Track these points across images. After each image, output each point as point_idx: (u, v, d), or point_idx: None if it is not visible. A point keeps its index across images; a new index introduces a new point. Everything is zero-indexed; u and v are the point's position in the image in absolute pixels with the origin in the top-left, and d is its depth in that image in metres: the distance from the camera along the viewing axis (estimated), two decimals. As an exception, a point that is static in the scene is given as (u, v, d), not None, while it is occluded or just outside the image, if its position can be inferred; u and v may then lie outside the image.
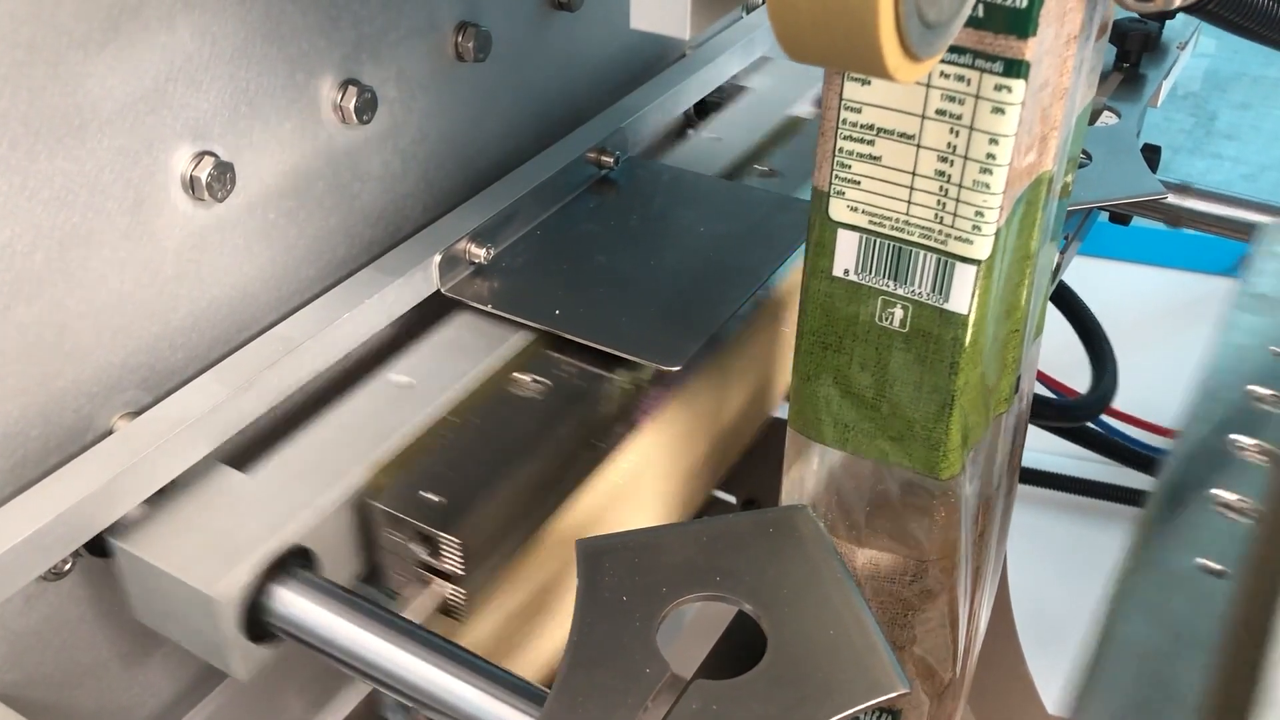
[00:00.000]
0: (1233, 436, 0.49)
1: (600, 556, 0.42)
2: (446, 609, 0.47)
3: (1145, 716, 0.39)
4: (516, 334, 0.55)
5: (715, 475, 0.63)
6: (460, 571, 0.46)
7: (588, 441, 0.52)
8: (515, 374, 0.53)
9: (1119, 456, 1.22)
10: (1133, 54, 0.81)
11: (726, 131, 0.75)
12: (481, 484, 0.47)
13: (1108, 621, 0.41)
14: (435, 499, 0.46)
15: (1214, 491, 0.46)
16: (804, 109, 0.78)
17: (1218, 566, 0.43)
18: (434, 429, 0.50)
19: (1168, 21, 0.83)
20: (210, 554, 0.43)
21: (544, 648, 0.54)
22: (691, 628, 0.70)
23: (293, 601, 0.43)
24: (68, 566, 0.46)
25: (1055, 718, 1.04)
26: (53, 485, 0.44)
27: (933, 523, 0.49)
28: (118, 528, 0.45)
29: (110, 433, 0.47)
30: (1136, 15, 0.69)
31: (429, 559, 0.46)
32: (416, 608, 0.46)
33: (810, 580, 0.41)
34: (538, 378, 0.53)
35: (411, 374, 0.52)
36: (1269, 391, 0.51)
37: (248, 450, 0.51)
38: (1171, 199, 0.75)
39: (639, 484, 0.56)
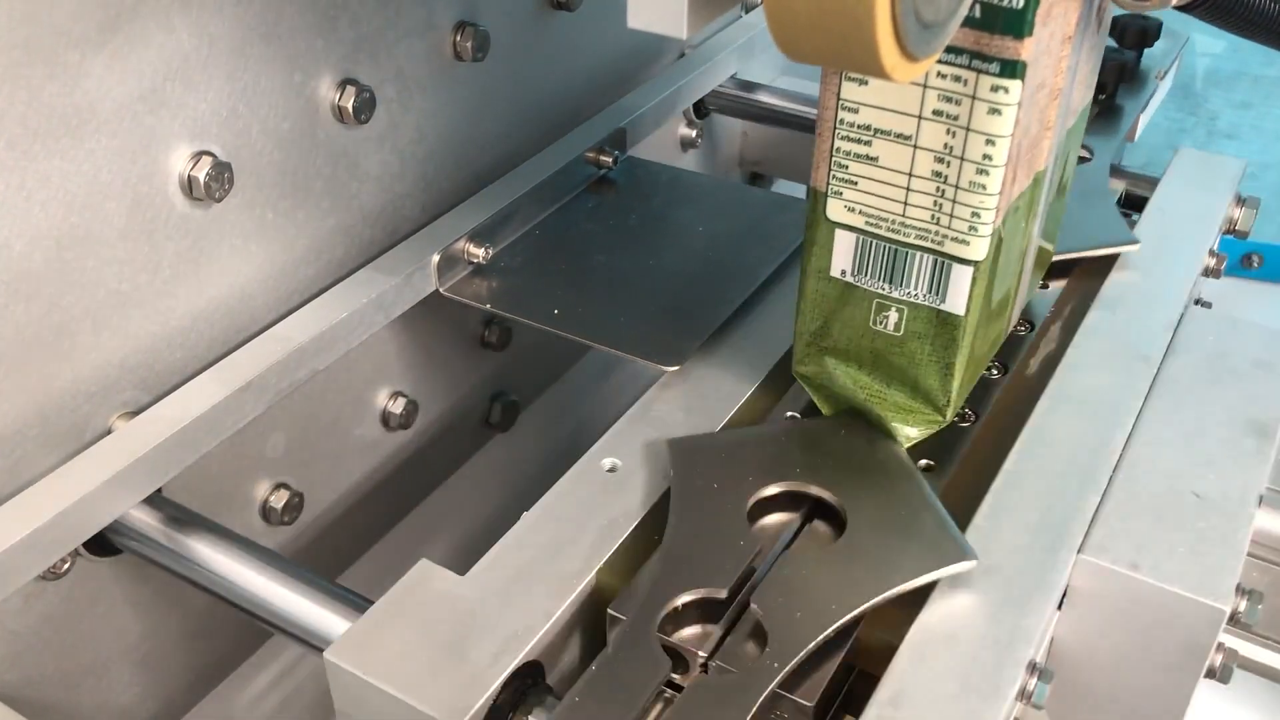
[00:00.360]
0: None
1: (692, 453, 0.45)
2: None
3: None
4: (727, 403, 0.49)
5: None
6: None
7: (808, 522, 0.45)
8: None
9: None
10: (1108, 85, 0.73)
11: None
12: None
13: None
14: (676, 607, 0.40)
15: None
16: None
17: (929, 462, 0.46)
18: (653, 520, 0.44)
19: (1146, 50, 0.78)
20: (439, 673, 0.38)
21: None
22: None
23: None
24: (67, 566, 0.46)
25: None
26: (51, 485, 0.44)
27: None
28: (236, 589, 0.43)
29: (109, 432, 0.47)
30: (1130, 12, 0.68)
31: (674, 674, 0.39)
32: None
33: (883, 470, 0.44)
34: None
35: (618, 456, 0.47)
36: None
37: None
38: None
39: None
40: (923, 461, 0.46)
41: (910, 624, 0.39)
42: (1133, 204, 0.68)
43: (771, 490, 0.43)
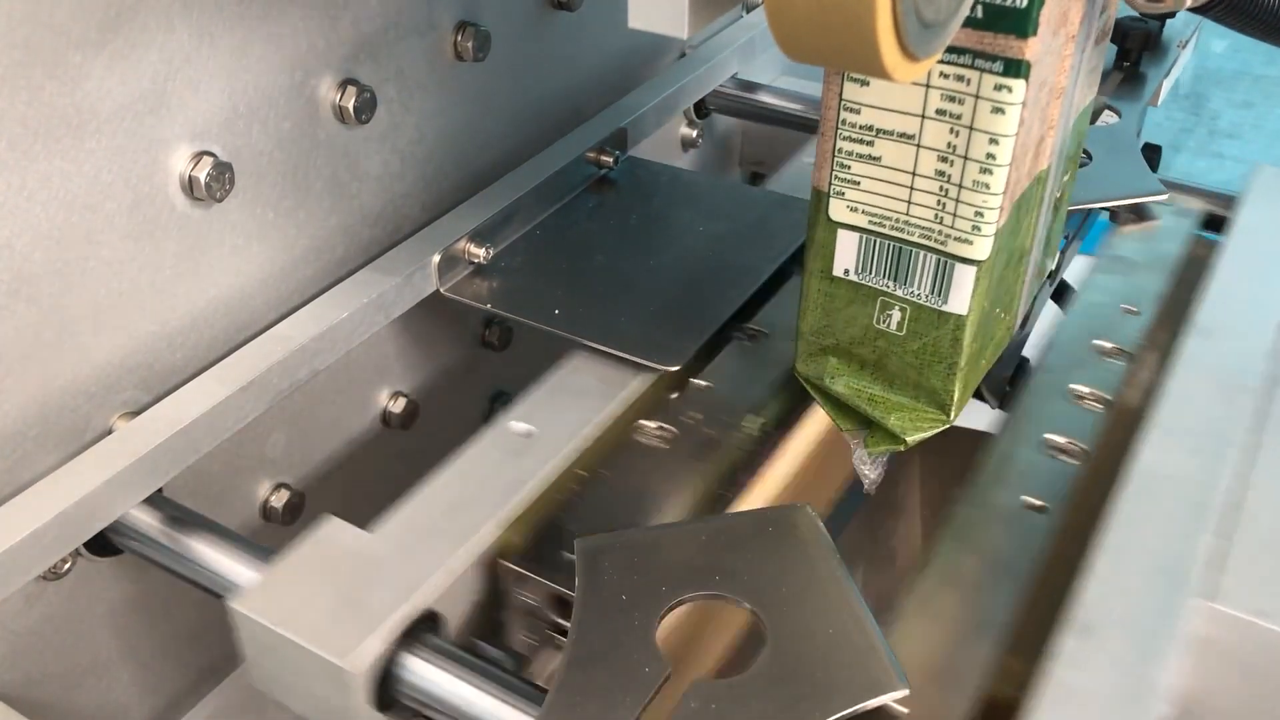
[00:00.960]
0: (1073, 386, 0.51)
1: (600, 555, 0.42)
2: None
3: (958, 638, 0.41)
4: (636, 376, 0.52)
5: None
6: None
7: (716, 493, 0.49)
8: (640, 421, 0.51)
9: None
10: (1133, 53, 0.81)
11: None
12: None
13: (932, 552, 0.44)
14: (569, 557, 0.42)
15: (1048, 436, 0.49)
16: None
17: (1039, 503, 0.45)
18: (560, 483, 0.46)
19: (1169, 20, 0.82)
20: (339, 621, 0.40)
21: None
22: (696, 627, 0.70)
23: (425, 671, 0.40)
24: (67, 566, 0.46)
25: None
26: (52, 485, 0.44)
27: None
28: (234, 589, 0.43)
29: (109, 432, 0.47)
30: (1140, 15, 0.69)
31: (562, 620, 0.43)
32: (551, 672, 0.43)
33: (809, 579, 0.41)
34: (663, 425, 0.50)
35: (532, 422, 0.49)
36: (1112, 345, 0.54)
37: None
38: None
39: None
40: (1035, 502, 0.44)
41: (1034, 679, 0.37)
42: (1213, 225, 0.67)
43: (686, 600, 0.40)
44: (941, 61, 0.38)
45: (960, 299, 0.42)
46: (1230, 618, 0.39)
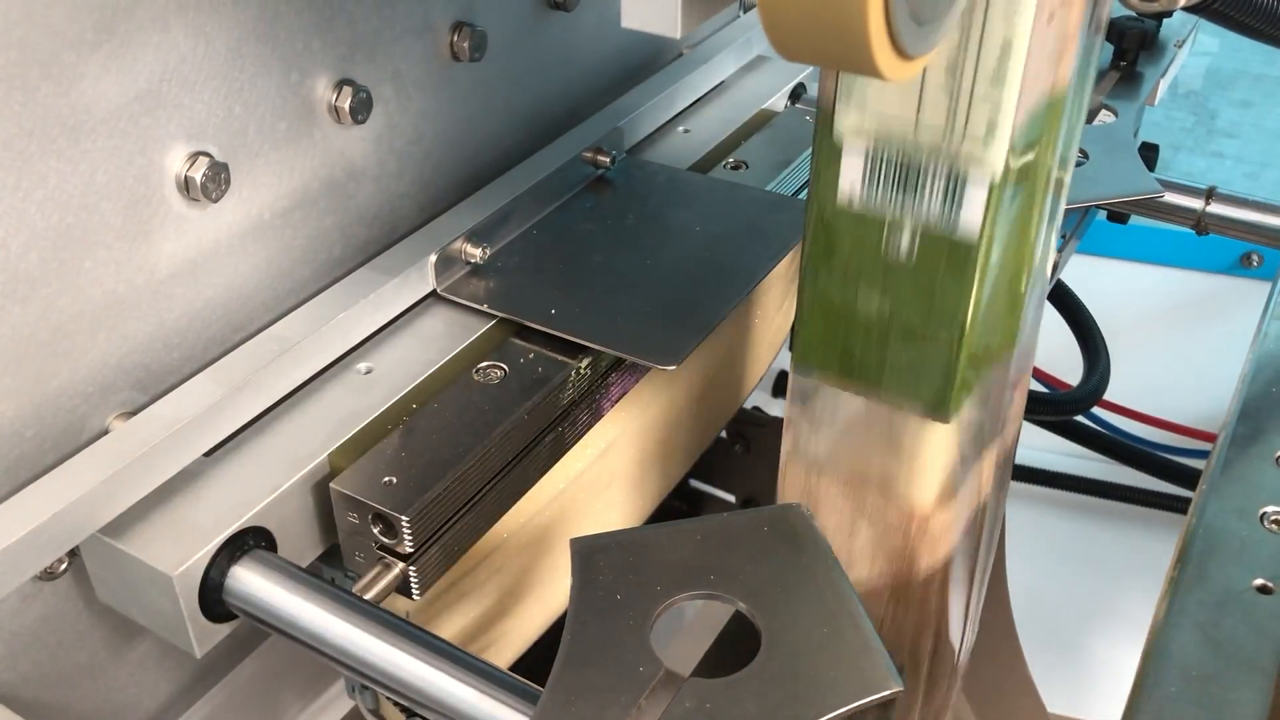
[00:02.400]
0: None
1: (594, 555, 0.42)
2: (404, 589, 0.48)
3: None
4: (486, 324, 0.56)
5: (684, 464, 0.63)
6: (414, 551, 0.47)
7: (552, 429, 0.53)
8: (480, 363, 0.54)
9: (1114, 453, 1.22)
10: (1130, 52, 0.81)
11: (697, 125, 0.74)
12: (439, 467, 0.48)
13: (1157, 638, 0.41)
14: (392, 481, 0.47)
15: (1269, 509, 0.45)
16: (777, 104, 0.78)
17: (1269, 584, 0.42)
18: (394, 415, 0.51)
19: (1165, 20, 0.82)
20: (170, 535, 0.44)
21: (513, 633, 0.55)
22: (690, 626, 0.70)
23: (250, 580, 0.44)
24: (63, 566, 0.46)
25: (1055, 716, 1.04)
26: (48, 485, 0.44)
27: (935, 469, 0.47)
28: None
29: (106, 433, 0.47)
30: (1136, 14, 0.69)
31: (386, 540, 0.47)
32: (373, 586, 0.47)
33: (804, 578, 0.41)
34: (498, 364, 0.54)
35: (375, 362, 0.53)
36: None
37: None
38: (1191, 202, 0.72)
39: (603, 471, 0.56)
40: (1267, 584, 0.41)
41: None
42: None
43: (680, 600, 0.41)
44: None
45: (972, 221, 0.40)
46: None
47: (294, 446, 0.48)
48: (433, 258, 0.56)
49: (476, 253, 0.58)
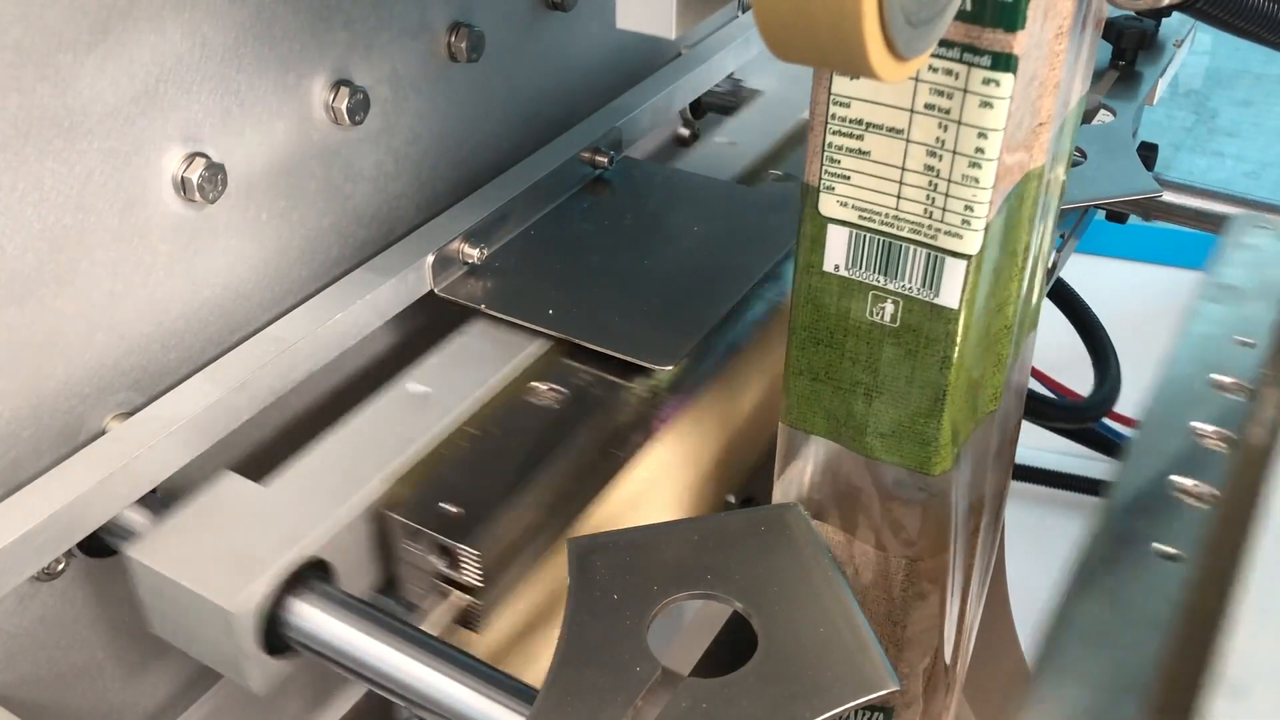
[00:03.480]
0: (1194, 424, 0.49)
1: (591, 555, 0.42)
2: (464, 620, 0.46)
3: (1098, 695, 0.39)
4: (533, 342, 0.55)
5: (731, 480, 0.63)
6: (478, 583, 0.45)
7: (605, 450, 0.51)
8: (533, 383, 0.53)
9: (1115, 453, 1.22)
10: (1128, 51, 0.81)
11: (740, 135, 0.75)
12: (499, 495, 0.46)
13: (1063, 604, 0.42)
14: (453, 510, 0.45)
15: (1174, 478, 0.47)
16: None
17: (1173, 551, 0.43)
18: (451, 439, 0.49)
19: (1164, 19, 0.82)
20: (227, 567, 0.42)
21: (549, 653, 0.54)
22: (688, 626, 0.70)
23: (310, 615, 0.43)
24: (61, 567, 0.46)
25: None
26: (45, 486, 0.44)
27: (924, 519, 0.49)
28: (131, 538, 0.44)
29: (103, 433, 0.47)
30: (1131, 13, 0.69)
31: (447, 571, 0.45)
32: (434, 620, 0.45)
33: (801, 578, 0.41)
34: (555, 386, 0.53)
35: (428, 383, 0.52)
36: (1231, 379, 0.51)
37: (262, 461, 0.51)
38: (1169, 196, 0.74)
39: (655, 491, 0.56)
40: (1169, 550, 0.42)
41: None
42: None
43: (677, 600, 0.41)
44: (930, 55, 0.38)
45: (951, 292, 0.42)
46: None
47: (350, 473, 0.46)
48: (430, 258, 0.56)
49: (474, 253, 0.58)
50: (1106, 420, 1.25)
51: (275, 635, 0.43)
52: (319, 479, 0.46)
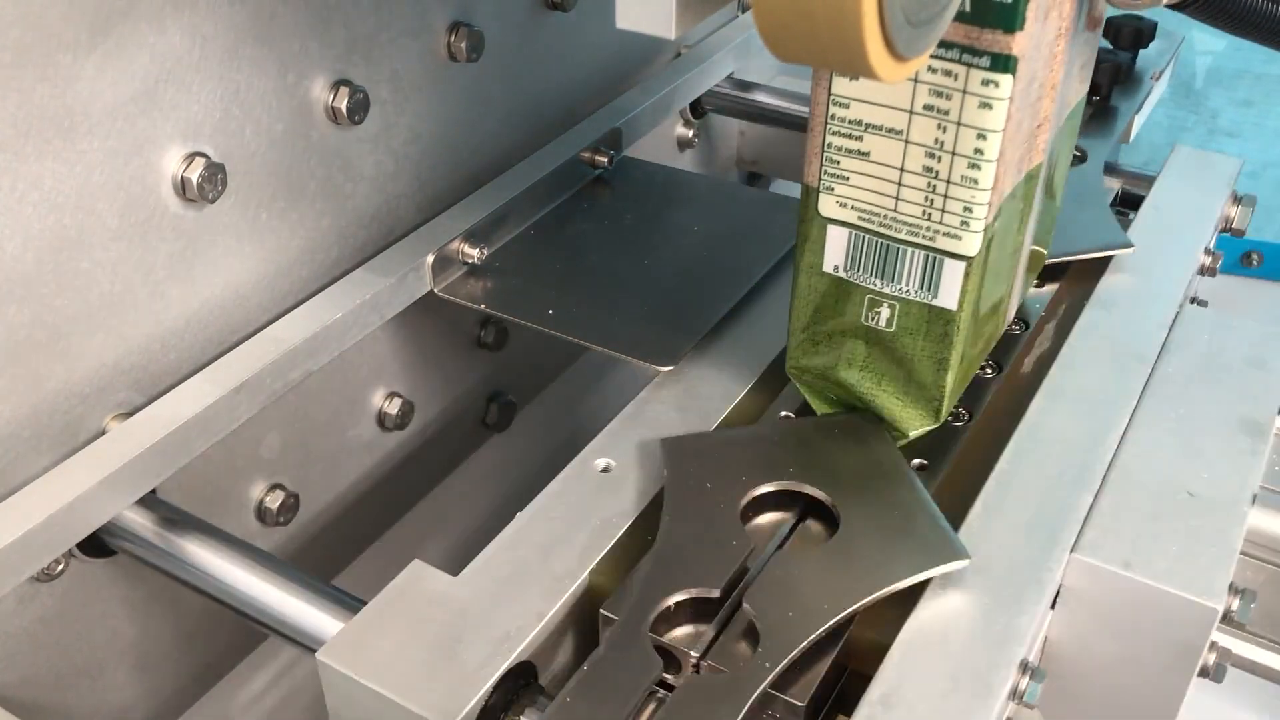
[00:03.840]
0: None
1: (685, 453, 0.45)
2: None
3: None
4: (727, 405, 0.49)
5: None
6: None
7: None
8: None
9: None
10: (1103, 86, 0.72)
11: None
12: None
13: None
14: (669, 607, 0.39)
15: None
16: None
17: (923, 461, 0.46)
18: (645, 521, 0.44)
19: (1142, 51, 0.78)
20: (433, 673, 0.38)
21: None
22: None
23: None
24: (61, 568, 0.46)
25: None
26: (45, 486, 0.44)
27: None
28: (229, 590, 0.43)
29: (103, 433, 0.47)
30: (1129, 12, 0.68)
31: (668, 676, 0.39)
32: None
33: (876, 471, 0.44)
34: None
35: (612, 456, 0.46)
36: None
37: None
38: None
39: None
40: (916, 461, 0.46)
41: (902, 624, 0.39)
42: (1129, 202, 0.68)
43: (765, 489, 0.43)
44: (930, 56, 0.38)
45: (950, 294, 0.42)
46: (1096, 568, 0.41)
47: (548, 562, 0.42)
48: (430, 258, 0.56)
49: (474, 253, 0.58)
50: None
51: None
52: (516, 570, 0.41)
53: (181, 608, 0.53)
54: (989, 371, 0.51)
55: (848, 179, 0.42)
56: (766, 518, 0.43)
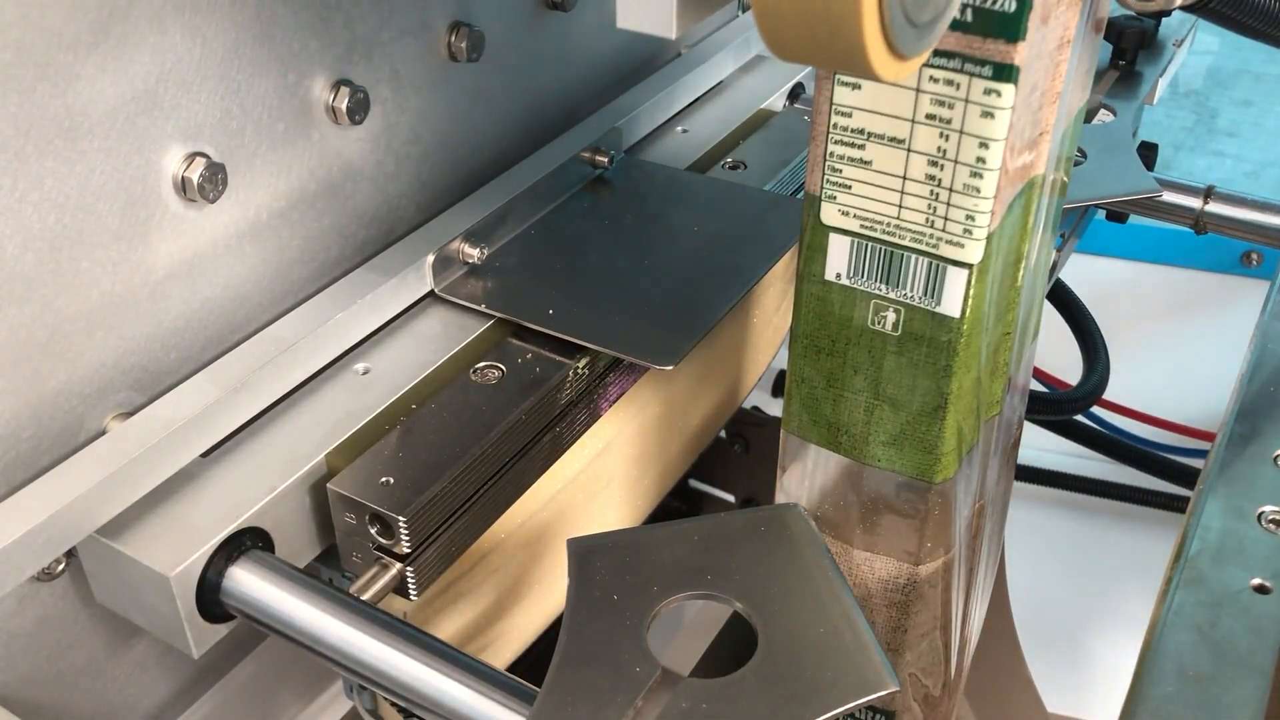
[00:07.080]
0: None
1: (591, 555, 0.42)
2: (401, 589, 0.48)
3: None
4: (484, 325, 0.56)
5: (683, 464, 0.64)
6: (411, 551, 0.47)
7: (549, 429, 0.53)
8: (478, 363, 0.54)
9: (1114, 452, 1.22)
10: (1129, 51, 0.81)
11: (695, 125, 0.74)
12: (436, 468, 0.48)
13: (1155, 638, 0.41)
14: (389, 482, 0.47)
15: (1267, 508, 0.45)
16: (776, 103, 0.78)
17: (1267, 584, 0.42)
18: (392, 415, 0.51)
19: (1164, 19, 0.83)
20: (167, 536, 0.44)
21: (511, 633, 0.55)
22: (688, 626, 0.70)
23: (247, 581, 0.44)
24: (60, 567, 0.46)
25: (1055, 715, 1.04)
26: (45, 486, 0.44)
27: (926, 525, 0.48)
28: None
29: (103, 433, 0.47)
30: (1134, 13, 0.68)
31: (384, 540, 0.47)
32: (368, 587, 0.47)
33: (801, 579, 0.41)
34: (496, 365, 0.54)
35: (372, 362, 0.53)
36: None
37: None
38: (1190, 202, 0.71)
39: (601, 471, 0.56)
40: (1262, 583, 0.41)
41: None
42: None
43: (676, 600, 0.41)
44: (931, 66, 0.38)
45: (953, 301, 0.42)
46: None
47: (291, 447, 0.48)
48: (430, 258, 0.56)
49: (474, 253, 0.58)
50: (1106, 416, 1.25)
51: (214, 602, 0.45)
52: (261, 453, 0.48)
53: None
54: None
55: (850, 187, 0.42)
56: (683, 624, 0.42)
